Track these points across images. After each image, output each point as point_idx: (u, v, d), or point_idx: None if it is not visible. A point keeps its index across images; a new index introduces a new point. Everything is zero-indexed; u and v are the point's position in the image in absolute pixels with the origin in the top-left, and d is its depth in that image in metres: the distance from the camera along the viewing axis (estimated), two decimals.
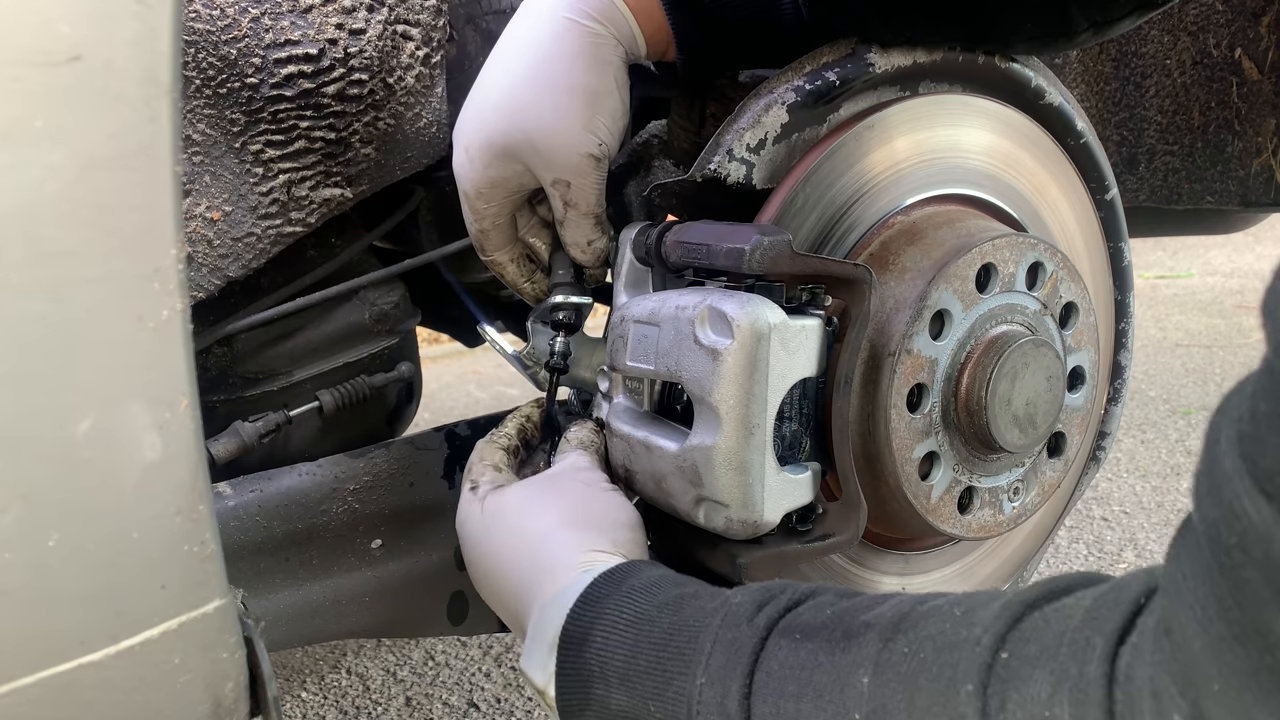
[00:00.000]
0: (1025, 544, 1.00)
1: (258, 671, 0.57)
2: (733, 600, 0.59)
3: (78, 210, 0.45)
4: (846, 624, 0.53)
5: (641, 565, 0.66)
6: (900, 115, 0.81)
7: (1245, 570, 0.35)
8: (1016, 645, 0.45)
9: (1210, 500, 0.37)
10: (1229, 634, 0.35)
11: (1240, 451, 0.35)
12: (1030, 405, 0.78)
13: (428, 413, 3.16)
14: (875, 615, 0.53)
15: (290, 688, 1.66)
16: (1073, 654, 0.42)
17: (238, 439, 0.89)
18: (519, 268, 0.90)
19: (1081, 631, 0.43)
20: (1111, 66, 1.38)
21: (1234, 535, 0.35)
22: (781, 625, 0.56)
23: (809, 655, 0.53)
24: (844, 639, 0.52)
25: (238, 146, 0.82)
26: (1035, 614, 0.46)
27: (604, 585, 0.64)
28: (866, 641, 0.51)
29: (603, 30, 0.78)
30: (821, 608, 0.56)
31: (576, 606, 0.63)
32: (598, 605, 0.62)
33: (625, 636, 0.60)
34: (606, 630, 0.61)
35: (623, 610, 0.61)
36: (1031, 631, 0.45)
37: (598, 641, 0.61)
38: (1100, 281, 0.97)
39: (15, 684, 0.46)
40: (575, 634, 0.62)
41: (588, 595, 0.63)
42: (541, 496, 0.74)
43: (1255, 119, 1.40)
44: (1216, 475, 0.36)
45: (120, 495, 0.48)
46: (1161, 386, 3.16)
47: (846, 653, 0.51)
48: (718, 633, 0.57)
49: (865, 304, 0.72)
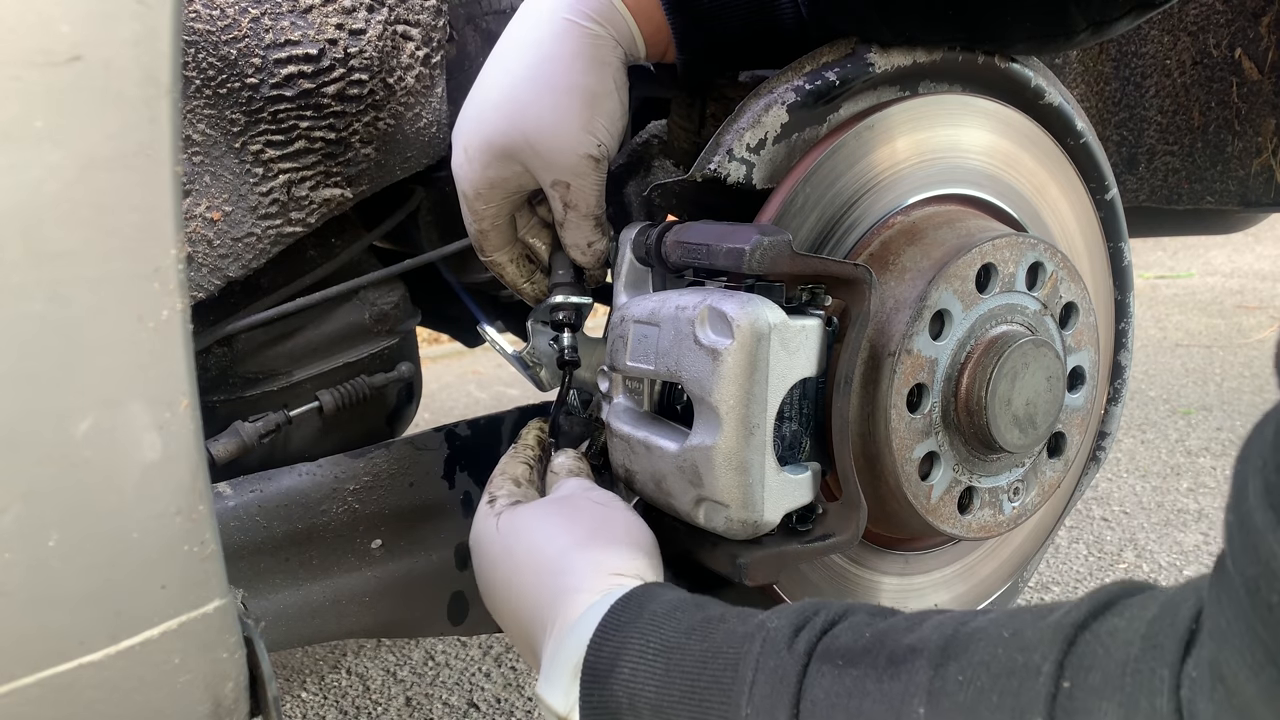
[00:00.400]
0: (1025, 544, 1.00)
1: (258, 671, 0.57)
2: (769, 624, 0.57)
3: (78, 210, 0.45)
4: (890, 648, 0.52)
5: (658, 589, 0.65)
6: (900, 115, 0.81)
7: None
8: (1077, 674, 0.44)
9: (1247, 557, 0.37)
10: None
11: (1269, 503, 0.35)
12: (1030, 405, 0.78)
13: (428, 413, 3.16)
14: (919, 639, 0.52)
15: (290, 688, 1.66)
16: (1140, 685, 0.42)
17: (238, 439, 0.89)
18: (518, 268, 0.90)
19: (1145, 661, 0.42)
20: (1111, 66, 1.38)
21: (1276, 594, 0.35)
22: (820, 650, 0.54)
23: (855, 682, 0.51)
24: (890, 665, 0.51)
25: (238, 146, 0.82)
26: (1088, 635, 0.45)
27: (624, 611, 0.62)
28: (916, 668, 0.50)
29: (602, 31, 0.78)
30: (859, 629, 0.55)
31: (598, 634, 0.61)
32: (621, 633, 0.61)
33: (655, 666, 0.58)
34: (634, 659, 0.59)
35: (649, 638, 0.59)
36: (1091, 658, 0.44)
37: (625, 672, 0.59)
38: (1100, 281, 0.97)
39: (15, 684, 0.46)
40: (600, 664, 0.60)
41: (609, 621, 0.62)
42: (558, 517, 0.72)
43: (1255, 119, 1.40)
44: (1250, 530, 0.36)
45: (120, 495, 0.48)
46: (1161, 386, 3.16)
47: (895, 679, 0.50)
48: (759, 660, 0.55)
49: (865, 304, 0.72)
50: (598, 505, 0.73)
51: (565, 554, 0.68)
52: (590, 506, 0.73)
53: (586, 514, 0.72)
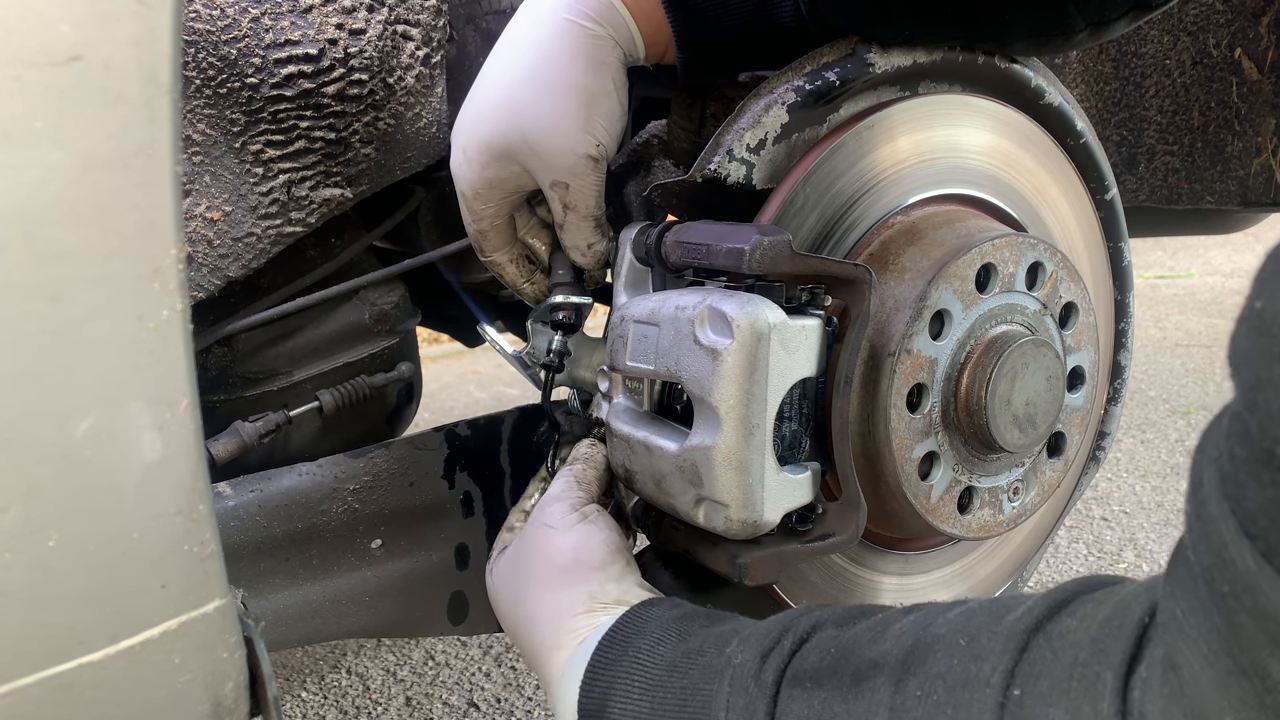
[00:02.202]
0: (1025, 544, 1.00)
1: (258, 671, 0.57)
2: (734, 660, 0.58)
3: (78, 210, 0.45)
4: (854, 665, 0.53)
5: (644, 615, 0.67)
6: (900, 115, 0.81)
7: (1239, 616, 0.35)
8: (1027, 682, 0.45)
9: (1204, 546, 0.37)
10: (1235, 668, 0.36)
11: (1223, 492, 0.36)
12: (1030, 405, 0.78)
13: (428, 413, 3.16)
14: (881, 652, 0.53)
15: (290, 688, 1.66)
16: (1084, 690, 0.42)
17: (238, 439, 0.89)
18: (518, 268, 0.90)
19: (1090, 666, 0.43)
20: (1111, 66, 1.38)
21: (1225, 583, 0.36)
22: (789, 675, 0.56)
23: (823, 705, 0.53)
24: (854, 683, 0.52)
25: (238, 146, 0.82)
26: (1039, 639, 0.46)
27: (610, 649, 0.65)
28: (878, 685, 0.51)
29: (601, 32, 0.78)
30: (825, 645, 0.56)
31: (588, 676, 0.64)
32: (609, 672, 0.63)
33: (641, 705, 0.61)
34: (622, 701, 0.62)
35: (634, 678, 0.62)
36: (1040, 665, 0.45)
37: (615, 714, 0.62)
38: (1100, 281, 0.97)
39: (15, 684, 0.46)
40: (591, 706, 0.63)
41: (596, 663, 0.64)
42: (514, 568, 0.76)
43: (1255, 119, 1.40)
44: (1205, 519, 0.37)
45: (120, 495, 0.48)
46: (1161, 386, 3.16)
47: (859, 698, 0.51)
48: (729, 700, 0.57)
49: (865, 304, 0.72)
50: (547, 531, 0.75)
51: (533, 614, 0.72)
52: (538, 538, 0.75)
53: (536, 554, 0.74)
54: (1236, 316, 0.35)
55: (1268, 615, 0.34)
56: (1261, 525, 0.34)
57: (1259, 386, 0.34)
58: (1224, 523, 0.35)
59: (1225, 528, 0.35)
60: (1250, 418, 0.34)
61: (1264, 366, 0.33)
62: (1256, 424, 0.34)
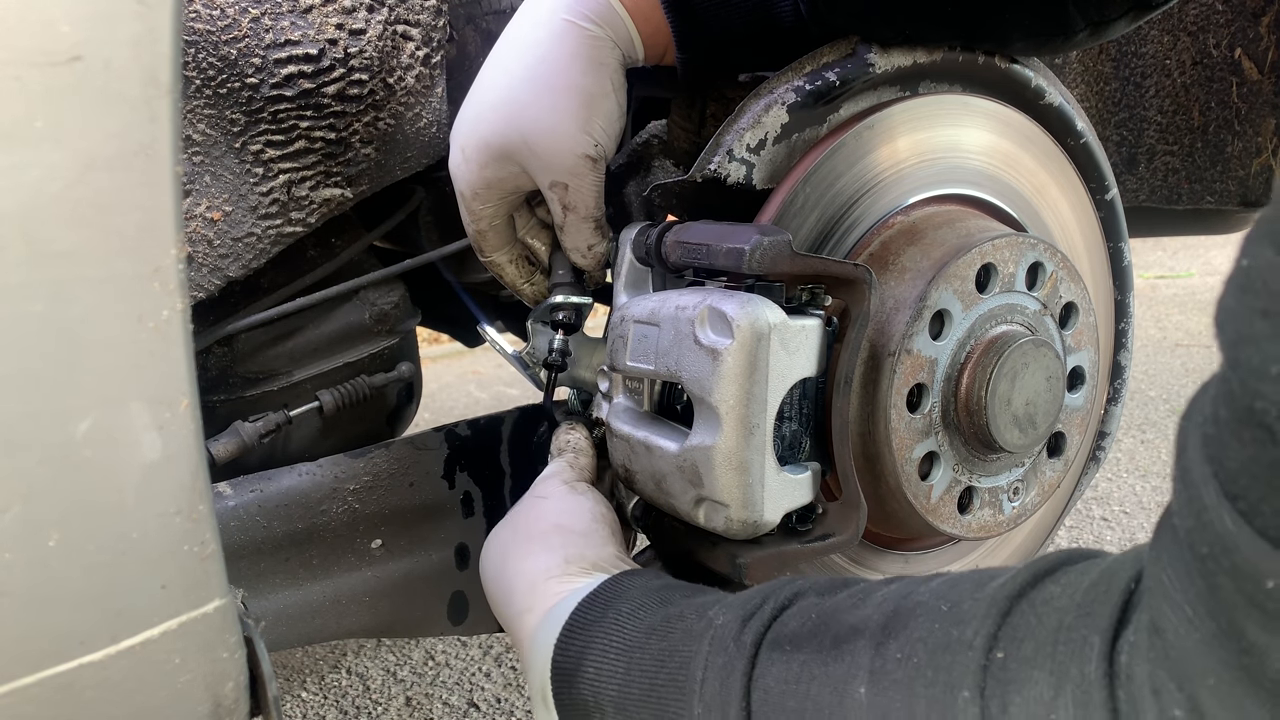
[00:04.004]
0: (1025, 544, 1.00)
1: (258, 671, 0.57)
2: (715, 621, 0.58)
3: (78, 210, 0.45)
4: (835, 629, 0.53)
5: (624, 582, 0.66)
6: (900, 115, 0.81)
7: (1218, 578, 0.35)
8: (1010, 645, 0.45)
9: (1187, 510, 0.37)
10: (1217, 630, 0.36)
11: (1206, 454, 0.36)
12: (1030, 405, 0.78)
13: (428, 413, 3.16)
14: (862, 617, 0.53)
15: (290, 688, 1.66)
16: (1070, 653, 0.42)
17: (238, 439, 0.89)
18: (518, 269, 0.90)
19: (1077, 630, 0.43)
20: (1111, 66, 1.38)
21: (1205, 544, 0.36)
22: (769, 638, 0.55)
23: (802, 667, 0.52)
24: (834, 646, 0.52)
25: (238, 146, 0.82)
26: (1023, 605, 0.46)
27: (589, 610, 0.64)
28: (858, 649, 0.51)
29: (600, 32, 0.78)
30: (806, 611, 0.56)
31: (564, 635, 0.64)
32: (584, 633, 0.63)
33: (617, 665, 0.60)
34: (598, 659, 0.61)
35: (611, 638, 0.62)
36: (1024, 628, 0.45)
37: (590, 672, 0.61)
38: (1100, 281, 0.97)
39: (15, 684, 0.46)
40: (566, 664, 0.63)
41: (572, 623, 0.64)
42: (505, 533, 0.76)
43: (1255, 119, 1.40)
44: (1189, 484, 0.37)
45: (120, 495, 0.48)
46: (1161, 386, 3.16)
47: (839, 661, 0.51)
48: (707, 659, 0.56)
49: (865, 304, 0.72)
50: (534, 501, 0.76)
51: (515, 573, 0.72)
52: (529, 507, 0.76)
53: (526, 520, 0.75)
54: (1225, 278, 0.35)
55: (1245, 575, 0.34)
56: (1242, 484, 0.34)
57: (1241, 342, 0.34)
58: (1205, 485, 0.35)
59: (1206, 490, 0.35)
60: (1233, 375, 0.34)
61: (1246, 323, 0.33)
62: (1238, 381, 0.34)
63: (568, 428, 0.85)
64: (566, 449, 0.83)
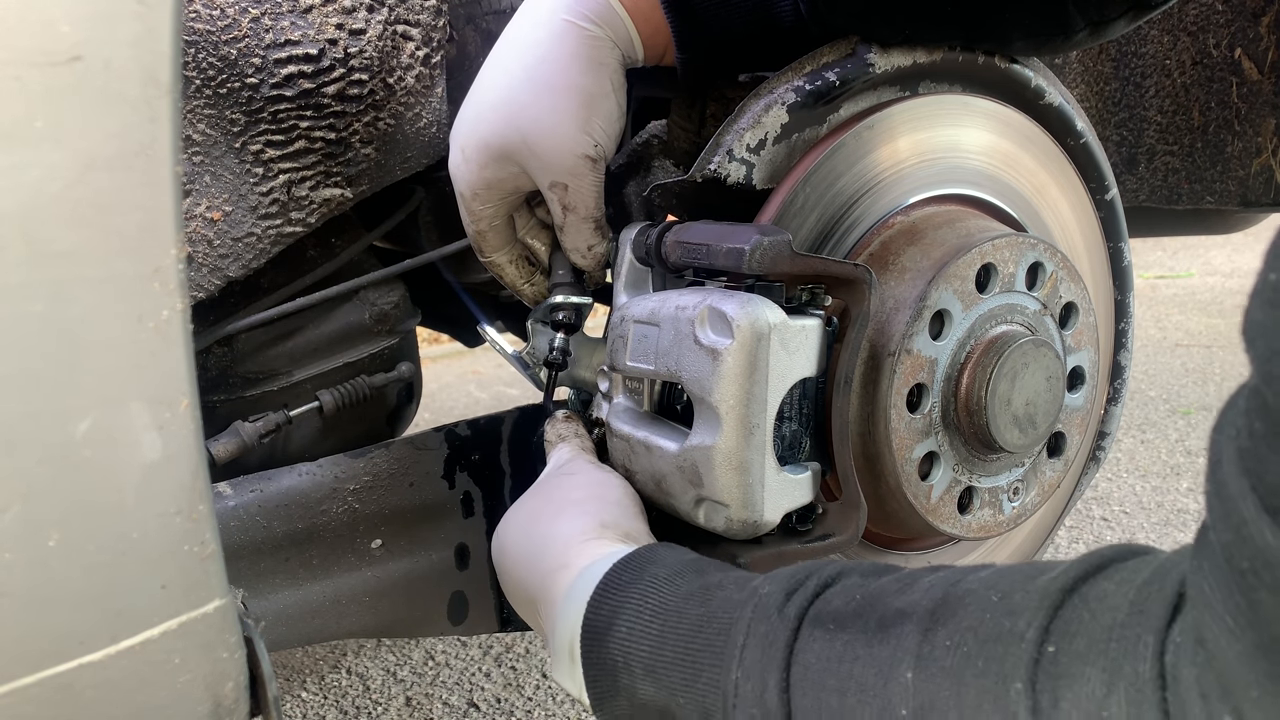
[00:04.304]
0: (1025, 544, 1.00)
1: (258, 671, 0.57)
2: (760, 590, 0.57)
3: (78, 210, 0.45)
4: (880, 611, 0.52)
5: (660, 551, 0.65)
6: (900, 115, 0.81)
7: (1259, 593, 0.35)
8: (1063, 640, 0.44)
9: (1224, 524, 0.37)
10: (1258, 643, 0.36)
11: (1243, 468, 0.36)
12: (1030, 405, 0.78)
13: (428, 413, 3.16)
14: (909, 602, 0.52)
15: (290, 688, 1.66)
16: (1124, 651, 0.42)
17: (238, 439, 0.89)
18: (518, 269, 0.90)
19: (1131, 628, 0.42)
20: (1111, 66, 1.38)
21: (1245, 559, 0.35)
22: (812, 614, 0.55)
23: (845, 647, 0.52)
24: (879, 629, 0.51)
25: (238, 146, 0.82)
26: (1075, 599, 0.45)
27: (624, 572, 0.63)
28: (905, 633, 0.50)
29: (600, 33, 0.78)
30: (850, 591, 0.55)
31: (597, 594, 0.62)
32: (621, 593, 0.62)
33: (650, 627, 0.59)
34: (631, 620, 0.60)
35: (647, 599, 0.61)
36: (1077, 624, 0.45)
37: (621, 631, 0.60)
38: (1100, 281, 0.97)
39: (15, 684, 0.46)
40: (598, 623, 0.62)
41: (607, 583, 0.63)
42: (533, 502, 0.75)
43: (1255, 119, 1.40)
44: (1225, 498, 0.37)
45: (120, 495, 0.48)
46: (1161, 386, 3.16)
47: (884, 644, 0.51)
48: (750, 625, 0.56)
49: (865, 304, 0.72)
50: (566, 476, 0.76)
51: (548, 533, 0.70)
52: (560, 480, 0.76)
53: (559, 488, 0.74)
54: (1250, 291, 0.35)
55: None
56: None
57: (1274, 357, 0.34)
58: (1243, 500, 0.35)
59: (1244, 505, 0.35)
60: (1267, 390, 0.34)
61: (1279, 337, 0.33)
62: (1273, 395, 0.34)
63: (563, 416, 0.85)
64: (570, 436, 0.83)
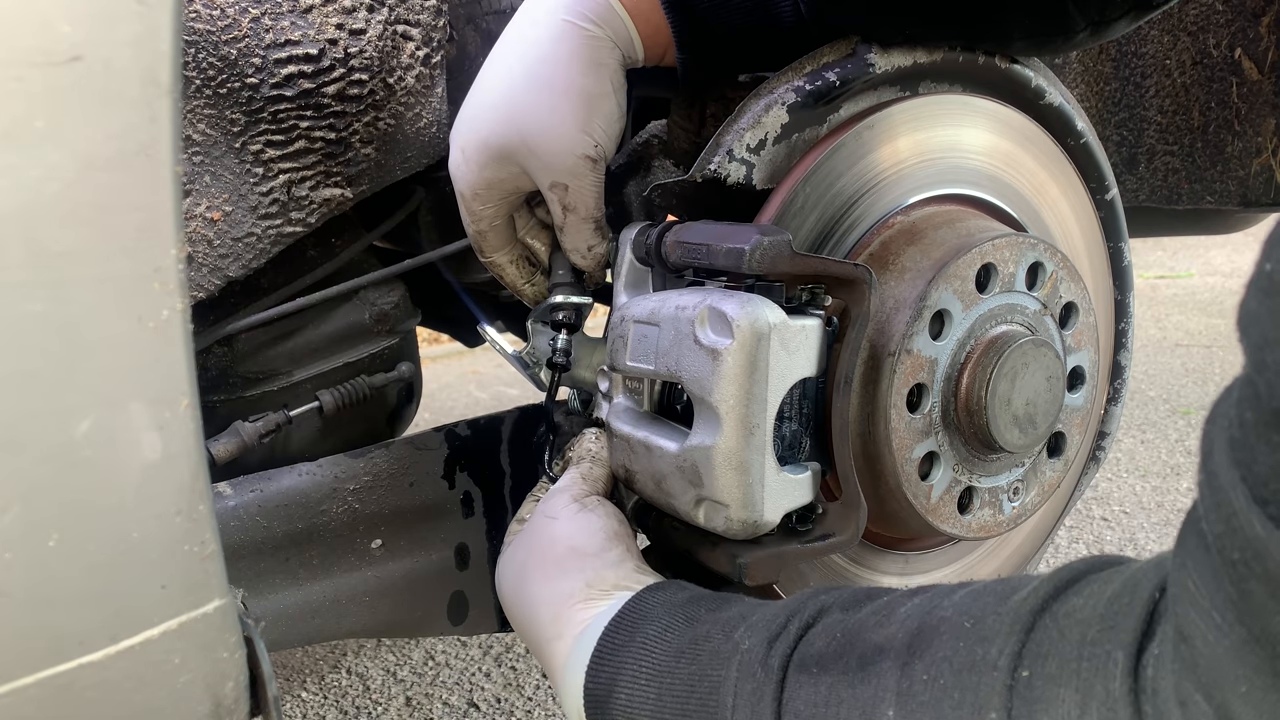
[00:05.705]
0: (1025, 544, 1.00)
1: (258, 671, 0.57)
2: (741, 646, 0.58)
3: (78, 210, 0.45)
4: (860, 649, 0.53)
5: (648, 602, 0.66)
6: (901, 115, 0.81)
7: (1250, 583, 0.35)
8: (1035, 663, 0.44)
9: (1215, 515, 0.37)
10: (1248, 636, 0.36)
11: (1233, 459, 0.36)
12: (1030, 405, 0.78)
13: (428, 413, 3.16)
14: (886, 636, 0.53)
15: (290, 688, 1.66)
16: (1095, 669, 0.42)
17: (238, 439, 0.89)
18: (518, 269, 0.90)
19: (1100, 645, 0.42)
20: (1111, 66, 1.38)
21: (1236, 550, 0.35)
22: (796, 659, 0.55)
23: (830, 690, 0.53)
24: (860, 668, 0.52)
25: (238, 146, 0.82)
26: (1046, 619, 0.46)
27: (616, 635, 0.64)
28: (884, 670, 0.51)
29: (600, 33, 0.78)
30: (831, 630, 0.56)
31: (594, 661, 0.64)
32: (615, 659, 0.63)
33: (649, 692, 0.61)
34: (629, 686, 0.62)
35: (641, 663, 0.62)
36: (1048, 645, 0.45)
37: (622, 698, 0.62)
38: (1100, 281, 0.97)
39: (15, 684, 0.46)
40: (599, 690, 0.63)
41: (601, 649, 0.64)
42: (520, 553, 0.76)
43: (1255, 119, 1.40)
44: (1216, 488, 0.37)
45: (120, 495, 0.48)
46: (1161, 386, 3.16)
47: (865, 684, 0.51)
48: (736, 685, 0.57)
49: (865, 304, 0.72)
50: (545, 520, 0.75)
51: (535, 601, 0.71)
52: (539, 525, 0.75)
53: (538, 543, 0.74)
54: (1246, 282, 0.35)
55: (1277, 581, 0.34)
56: (1272, 489, 0.34)
57: (1267, 346, 0.34)
58: (1234, 490, 0.35)
59: (1235, 495, 0.35)
60: (1259, 378, 0.34)
61: (1272, 326, 0.33)
62: (1265, 384, 0.34)
63: (592, 436, 0.83)
64: (586, 458, 0.81)
